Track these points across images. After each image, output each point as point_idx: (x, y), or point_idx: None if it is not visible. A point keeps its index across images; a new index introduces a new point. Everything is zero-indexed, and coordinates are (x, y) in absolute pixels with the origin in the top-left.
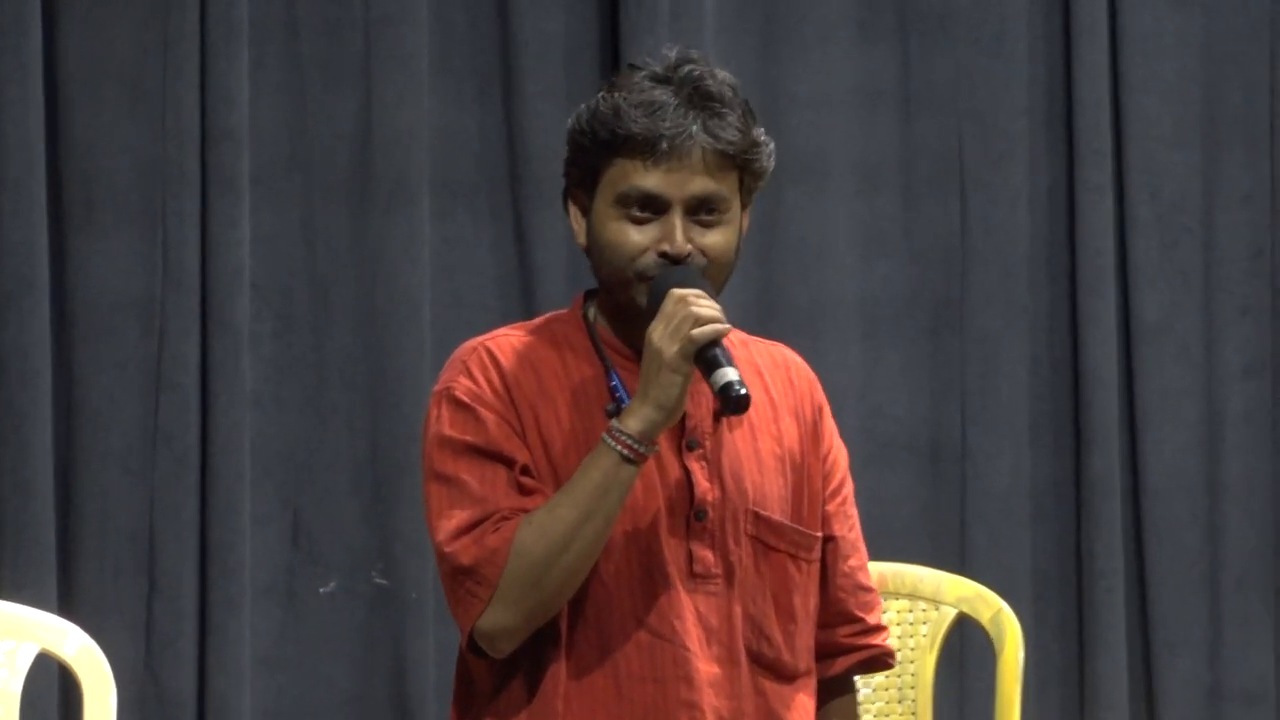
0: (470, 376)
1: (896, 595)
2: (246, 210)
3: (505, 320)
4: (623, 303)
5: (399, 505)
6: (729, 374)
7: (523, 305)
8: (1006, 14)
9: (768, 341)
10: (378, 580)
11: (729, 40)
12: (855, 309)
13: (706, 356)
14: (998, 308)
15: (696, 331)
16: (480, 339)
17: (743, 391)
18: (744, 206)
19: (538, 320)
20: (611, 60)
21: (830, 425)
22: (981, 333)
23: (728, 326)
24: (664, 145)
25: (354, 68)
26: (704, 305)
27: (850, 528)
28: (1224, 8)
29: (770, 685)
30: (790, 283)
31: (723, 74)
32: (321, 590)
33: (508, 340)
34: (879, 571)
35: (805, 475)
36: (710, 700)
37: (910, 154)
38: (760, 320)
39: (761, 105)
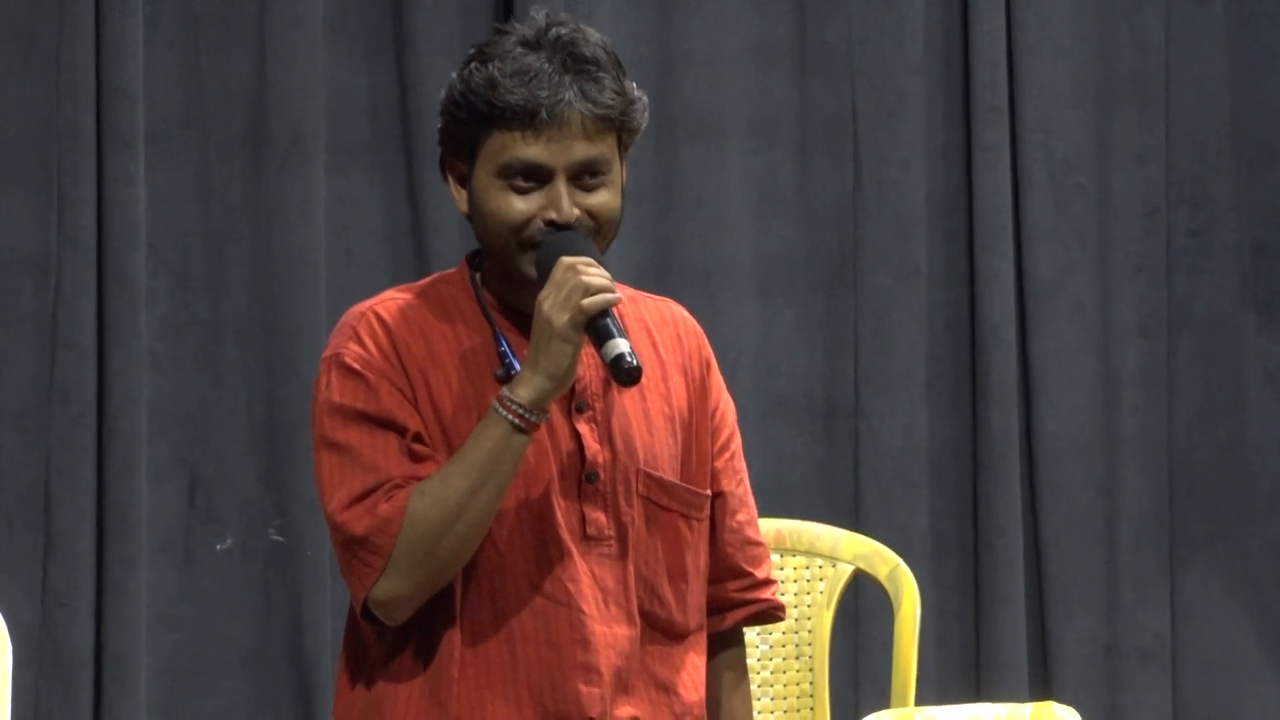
0: (360, 342)
1: (794, 552)
2: (142, 168)
3: (400, 278)
4: (510, 271)
5: (295, 463)
6: (621, 345)
7: (417, 263)
8: None
9: (655, 297)
10: (274, 537)
11: None
12: (750, 267)
13: (597, 326)
14: (892, 266)
15: (587, 301)
16: (368, 303)
17: (635, 363)
18: (623, 160)
19: (424, 282)
20: (505, 17)
21: (718, 380)
22: (876, 291)
23: (619, 295)
24: (543, 115)
25: (248, 25)
26: (594, 274)
27: (738, 483)
28: None
29: (662, 646)
30: (686, 241)
31: (594, 34)
32: (218, 548)
33: (396, 304)
34: (776, 529)
35: (694, 433)
36: (609, 662)
37: (805, 112)
38: (656, 278)
39: (656, 62)
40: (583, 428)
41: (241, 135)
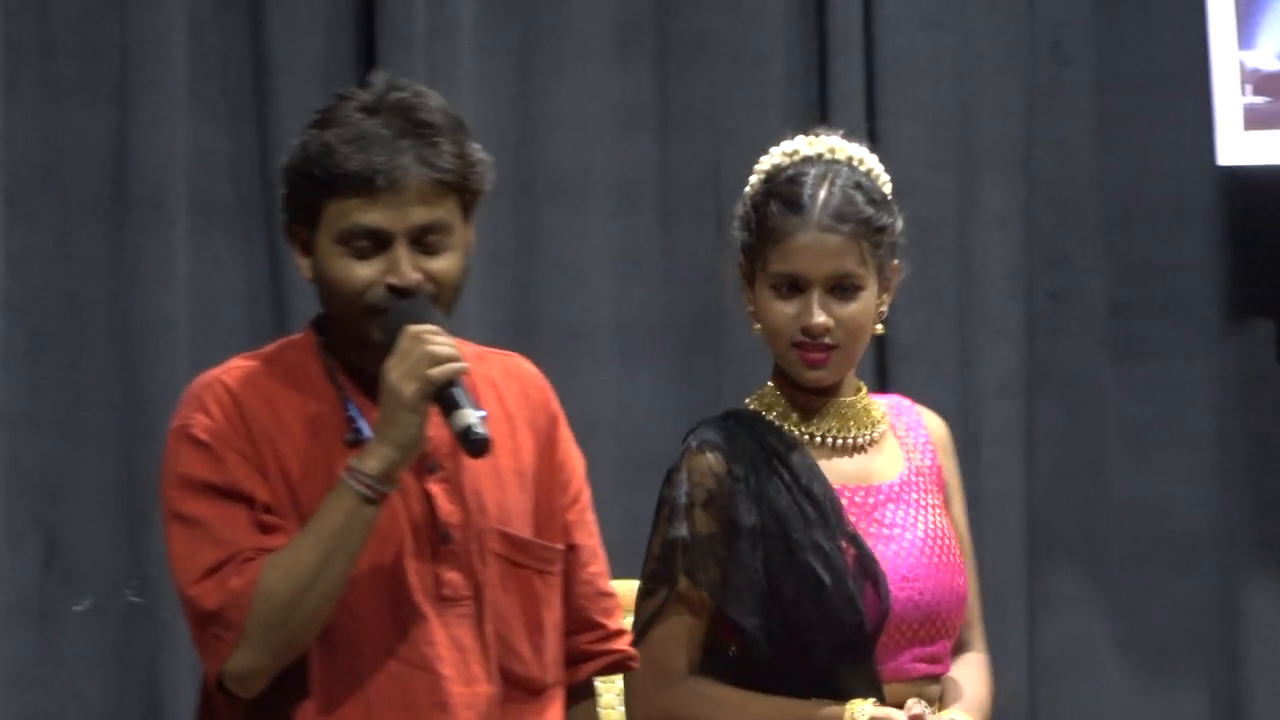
0: (207, 413)
1: None
2: (1, 229)
3: (261, 340)
4: (355, 336)
5: (154, 524)
6: (469, 416)
7: (278, 325)
8: (763, 35)
9: (502, 352)
10: (132, 599)
11: (486, 59)
12: (612, 330)
13: (445, 396)
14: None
15: (434, 371)
16: (215, 372)
17: (483, 434)
18: (468, 222)
19: (271, 348)
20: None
21: (565, 433)
22: (737, 354)
23: (465, 365)
24: (380, 181)
25: (110, 88)
26: (440, 343)
27: (589, 534)
28: (979, 30)
29: (521, 703)
30: (547, 303)
31: (434, 98)
32: (75, 609)
33: (242, 372)
34: (634, 590)
35: (544, 488)
36: None
37: (668, 174)
38: (516, 340)
39: (518, 124)
40: (434, 488)
41: (102, 197)
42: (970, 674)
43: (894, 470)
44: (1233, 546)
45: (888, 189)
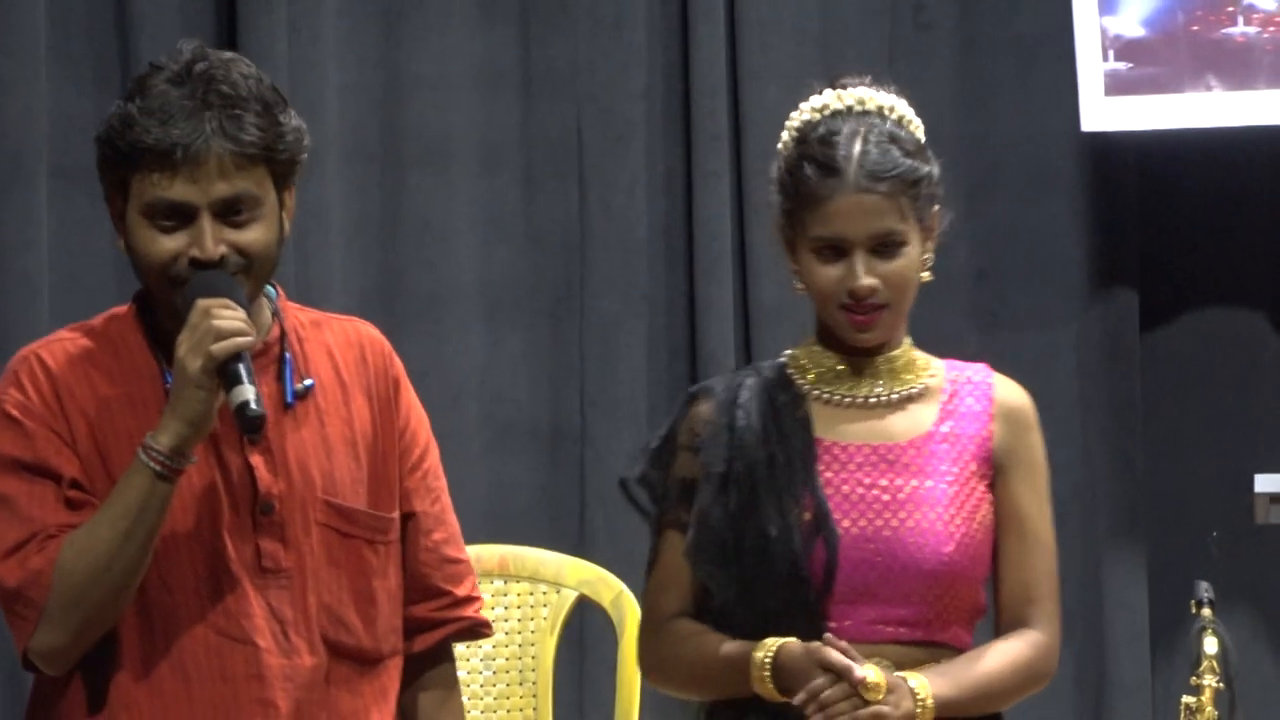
0: (20, 388)
1: (518, 578)
2: None
3: (123, 302)
4: (166, 308)
5: None
6: (244, 393)
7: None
8: None
9: (343, 318)
10: None
11: (350, 21)
12: (476, 293)
13: (227, 371)
14: (617, 292)
15: (216, 346)
16: (34, 346)
17: (257, 411)
18: (285, 189)
19: (97, 320)
20: (229, 42)
21: (408, 398)
22: (601, 317)
23: (250, 339)
24: (179, 154)
25: None
26: (227, 317)
27: (434, 500)
28: None
29: (351, 674)
30: (411, 266)
31: (243, 67)
32: None
33: (62, 346)
34: (501, 555)
35: (380, 455)
36: (288, 694)
37: (531, 137)
38: (381, 305)
39: (383, 86)
40: (255, 460)
41: None
42: (998, 650)
43: (911, 431)
44: (1095, 514)
45: (921, 135)
